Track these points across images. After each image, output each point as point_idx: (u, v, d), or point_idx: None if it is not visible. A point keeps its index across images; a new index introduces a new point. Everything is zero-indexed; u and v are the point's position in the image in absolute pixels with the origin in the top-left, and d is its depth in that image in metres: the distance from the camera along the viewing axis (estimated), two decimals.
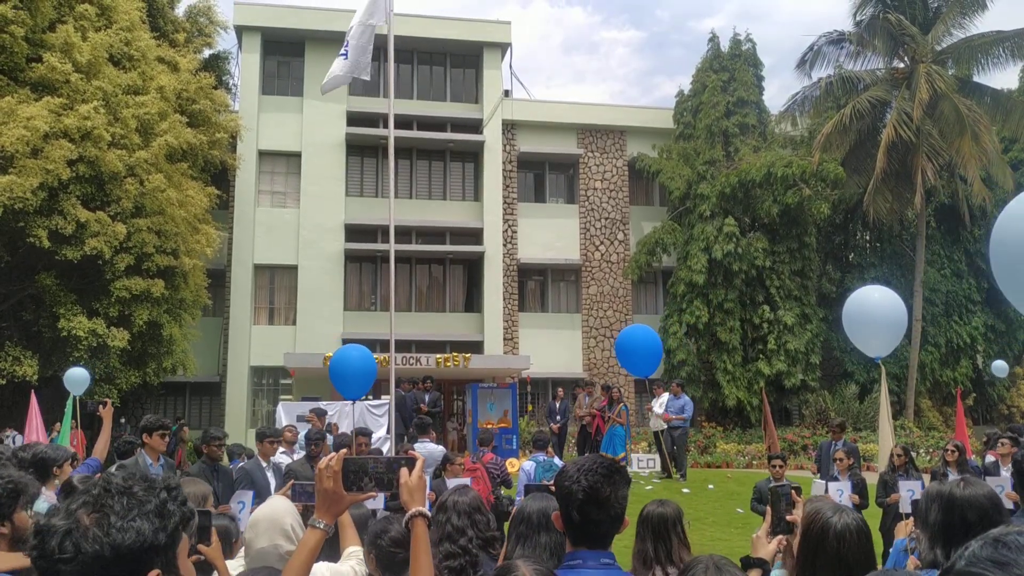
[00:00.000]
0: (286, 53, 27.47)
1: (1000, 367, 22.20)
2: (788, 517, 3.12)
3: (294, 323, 25.76)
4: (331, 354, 20.91)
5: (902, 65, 26.96)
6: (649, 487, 15.34)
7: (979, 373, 28.33)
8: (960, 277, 28.16)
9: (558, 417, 18.13)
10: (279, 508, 3.53)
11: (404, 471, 2.45)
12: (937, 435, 23.72)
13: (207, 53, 26.27)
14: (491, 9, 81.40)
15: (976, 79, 26.95)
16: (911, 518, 5.21)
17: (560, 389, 19.18)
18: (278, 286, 26.41)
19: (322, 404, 15.07)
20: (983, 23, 48.86)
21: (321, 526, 2.43)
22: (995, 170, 25.15)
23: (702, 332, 25.35)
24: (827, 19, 76.63)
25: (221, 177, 24.78)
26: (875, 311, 8.08)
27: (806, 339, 25.48)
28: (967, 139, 23.79)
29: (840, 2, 76.42)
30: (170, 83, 20.39)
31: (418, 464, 2.49)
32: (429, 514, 2.47)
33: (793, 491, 3.23)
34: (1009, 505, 6.77)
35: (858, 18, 27.29)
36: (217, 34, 25.97)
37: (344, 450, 2.60)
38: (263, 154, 26.49)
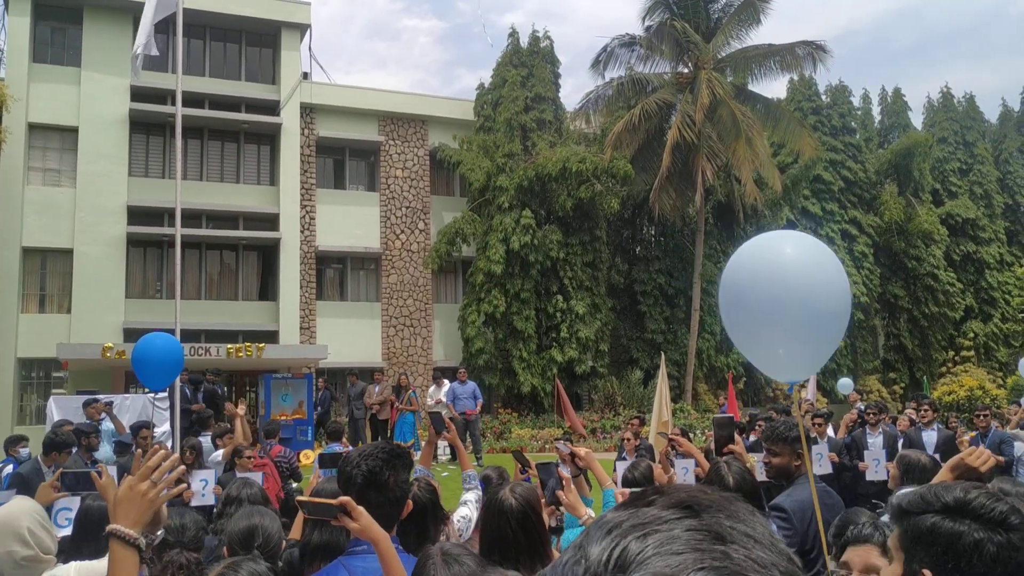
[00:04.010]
0: (61, 19, 25.31)
1: (846, 384, 23.73)
2: (558, 492, 3.39)
3: (69, 311, 23.91)
4: (111, 344, 19.79)
5: (686, 70, 28.70)
6: (445, 473, 15.53)
7: None
8: None
9: (318, 407, 18.09)
10: (14, 510, 3.27)
11: (127, 479, 2.17)
12: (712, 416, 25.55)
13: None
14: None
15: (751, 87, 29.20)
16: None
17: (321, 380, 19.07)
18: (51, 271, 24.41)
19: (101, 397, 14.07)
20: (758, 36, 52.98)
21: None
22: (765, 172, 27.30)
23: (499, 321, 25.91)
24: (621, 22, 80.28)
25: None
26: None
27: (596, 328, 26.65)
28: (742, 143, 25.71)
29: (632, 6, 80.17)
30: None
31: (141, 472, 2.15)
32: (132, 536, 2.09)
33: (558, 468, 3.52)
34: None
35: (647, 23, 28.77)
36: None
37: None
38: (34, 127, 24.32)
